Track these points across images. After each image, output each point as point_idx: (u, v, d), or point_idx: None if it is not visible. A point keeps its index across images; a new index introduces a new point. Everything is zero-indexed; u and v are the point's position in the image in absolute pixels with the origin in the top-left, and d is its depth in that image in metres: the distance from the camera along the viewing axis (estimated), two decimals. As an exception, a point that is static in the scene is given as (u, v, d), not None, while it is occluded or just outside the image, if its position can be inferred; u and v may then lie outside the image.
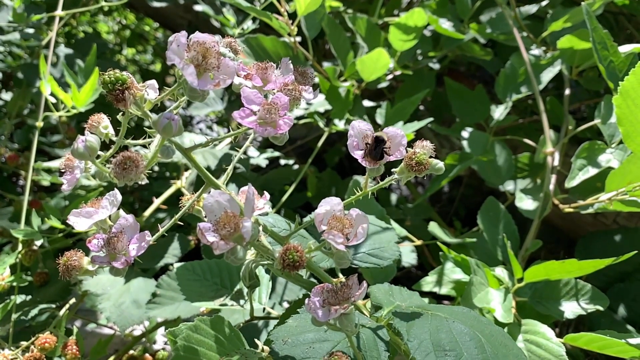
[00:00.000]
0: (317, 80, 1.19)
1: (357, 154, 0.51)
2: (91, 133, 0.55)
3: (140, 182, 0.43)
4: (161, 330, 1.32)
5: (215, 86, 0.43)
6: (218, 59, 0.43)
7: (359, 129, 0.52)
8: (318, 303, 0.45)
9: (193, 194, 0.69)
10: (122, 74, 0.47)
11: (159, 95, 0.52)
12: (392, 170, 0.55)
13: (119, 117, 0.53)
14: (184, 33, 0.42)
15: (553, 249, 1.61)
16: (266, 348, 0.51)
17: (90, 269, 0.51)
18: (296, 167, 1.67)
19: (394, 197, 1.63)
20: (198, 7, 1.72)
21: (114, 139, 0.55)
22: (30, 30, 1.63)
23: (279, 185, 1.46)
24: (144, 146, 0.56)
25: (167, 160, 0.46)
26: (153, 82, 0.53)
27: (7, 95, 2.37)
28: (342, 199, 1.29)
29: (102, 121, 0.56)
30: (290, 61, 0.57)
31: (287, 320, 0.53)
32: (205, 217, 0.58)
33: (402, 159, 0.53)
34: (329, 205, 0.47)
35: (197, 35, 0.43)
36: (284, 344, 0.48)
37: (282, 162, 1.63)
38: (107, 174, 0.45)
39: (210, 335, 0.48)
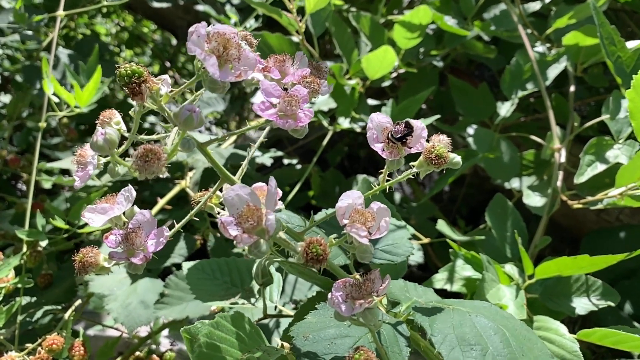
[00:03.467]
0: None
1: (377, 147, 0.51)
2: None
3: (160, 176, 0.42)
4: (165, 332, 1.31)
5: (237, 77, 0.42)
6: (239, 49, 0.42)
7: (378, 122, 0.52)
8: (341, 298, 0.44)
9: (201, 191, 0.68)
10: (139, 67, 0.46)
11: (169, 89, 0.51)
12: (411, 164, 0.55)
13: (131, 112, 0.52)
14: (203, 24, 0.42)
15: (557, 247, 1.61)
16: (286, 345, 0.51)
17: (107, 265, 0.50)
18: (299, 167, 1.66)
19: (397, 196, 1.63)
20: (199, 7, 1.71)
21: (126, 134, 0.54)
22: (30, 32, 1.62)
23: (282, 185, 1.45)
24: (156, 142, 0.56)
25: (188, 152, 0.46)
26: (166, 77, 0.52)
27: (6, 98, 2.35)
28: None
29: (114, 117, 0.55)
30: (304, 55, 0.56)
31: (305, 316, 0.52)
32: (225, 211, 0.58)
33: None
34: (350, 198, 0.47)
35: (217, 27, 0.42)
36: (305, 340, 0.47)
37: (286, 161, 1.62)
38: (127, 168, 0.44)
39: (231, 331, 0.48)
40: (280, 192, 0.68)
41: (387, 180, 0.55)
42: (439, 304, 0.53)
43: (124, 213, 0.53)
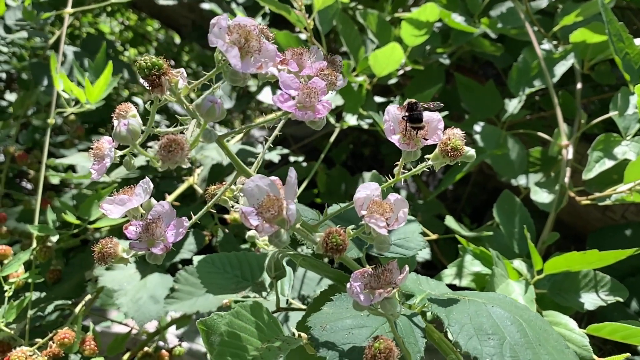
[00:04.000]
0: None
1: (394, 139, 0.51)
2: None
3: (183, 166, 0.42)
4: (171, 329, 1.31)
5: (258, 69, 0.42)
6: (259, 41, 0.43)
7: (394, 114, 0.52)
8: (359, 288, 0.45)
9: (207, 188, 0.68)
10: (158, 59, 0.47)
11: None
12: (426, 156, 0.55)
13: (147, 105, 0.53)
14: (225, 16, 0.42)
15: (562, 245, 1.61)
16: (303, 335, 0.51)
17: (126, 256, 0.50)
18: (304, 164, 1.66)
19: (403, 194, 1.63)
20: (205, 5, 1.72)
21: (142, 128, 0.55)
22: (37, 29, 1.62)
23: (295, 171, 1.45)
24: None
25: (209, 142, 0.46)
26: (182, 71, 0.53)
27: (11, 96, 2.36)
28: (353, 195, 1.29)
29: (130, 110, 0.56)
30: (319, 49, 0.57)
31: (321, 307, 0.52)
32: (239, 203, 0.58)
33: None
34: (368, 190, 0.47)
35: (238, 19, 0.43)
36: (323, 330, 0.47)
37: (292, 159, 1.62)
38: (150, 159, 0.44)
39: (251, 321, 0.48)
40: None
41: (403, 173, 0.56)
42: (454, 295, 0.53)
43: (141, 205, 0.54)
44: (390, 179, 0.57)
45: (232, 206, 0.62)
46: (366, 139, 2.27)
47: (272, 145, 1.40)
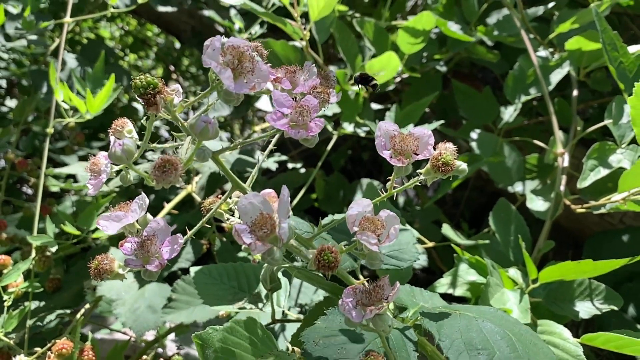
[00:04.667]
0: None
1: (386, 154, 0.52)
2: (115, 137, 0.56)
3: (177, 185, 0.43)
4: (171, 336, 1.32)
5: (251, 89, 0.43)
6: (252, 62, 0.43)
7: (385, 129, 0.53)
8: (351, 304, 0.45)
9: (205, 198, 0.69)
10: (154, 78, 0.47)
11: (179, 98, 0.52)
12: (418, 171, 0.56)
13: (143, 121, 0.53)
14: (218, 37, 0.43)
15: (560, 250, 1.62)
16: (296, 349, 0.52)
17: (121, 272, 0.51)
18: (303, 170, 1.67)
19: (401, 200, 1.64)
20: (205, 12, 1.73)
21: (139, 143, 0.55)
22: (36, 37, 1.63)
23: (288, 189, 1.46)
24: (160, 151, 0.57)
25: (203, 162, 0.47)
26: (178, 87, 0.53)
27: (12, 103, 2.37)
28: (351, 201, 1.30)
29: (126, 126, 0.57)
30: (313, 65, 0.57)
31: (315, 322, 0.53)
32: (234, 217, 0.59)
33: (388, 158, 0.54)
34: (360, 206, 0.48)
35: (232, 40, 0.43)
36: (316, 345, 0.48)
37: (290, 165, 1.63)
38: (145, 178, 0.45)
39: (244, 337, 0.49)
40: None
41: (395, 187, 0.56)
42: (446, 309, 0.54)
43: (137, 220, 0.55)
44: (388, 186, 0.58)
45: (228, 219, 0.63)
46: (365, 144, 2.28)
47: (271, 150, 1.41)
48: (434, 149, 0.56)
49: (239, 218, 0.46)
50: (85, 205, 1.55)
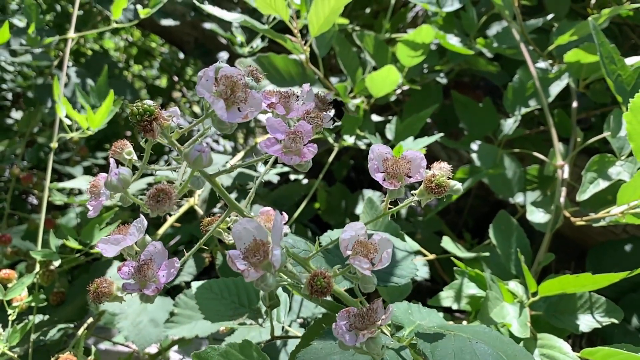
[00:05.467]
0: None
1: (378, 177, 0.53)
2: (115, 159, 0.57)
3: (170, 213, 0.44)
4: (174, 347, 1.33)
5: (244, 119, 0.44)
6: (245, 92, 0.44)
7: (378, 152, 0.54)
8: (345, 327, 0.46)
9: (209, 214, 0.70)
10: (150, 105, 0.48)
11: (176, 119, 0.53)
12: (412, 192, 0.56)
13: (142, 143, 0.55)
14: (212, 67, 0.44)
15: (563, 259, 1.61)
16: (293, 370, 0.52)
17: (120, 295, 0.52)
18: (305, 181, 1.68)
19: (403, 210, 1.64)
20: (207, 25, 1.75)
21: (137, 164, 0.56)
22: (41, 51, 1.65)
23: (289, 201, 1.47)
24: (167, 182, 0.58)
25: (197, 189, 0.48)
26: (175, 109, 0.54)
27: (17, 114, 2.40)
28: (352, 212, 1.31)
29: (126, 147, 0.58)
30: (311, 87, 0.58)
31: (311, 342, 0.54)
32: (234, 244, 0.60)
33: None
34: (353, 230, 0.48)
35: (225, 70, 0.44)
36: (311, 366, 0.49)
37: (292, 177, 1.64)
38: (141, 205, 0.46)
39: (239, 360, 0.49)
40: (286, 216, 0.70)
41: (390, 208, 0.57)
42: (440, 329, 0.55)
43: (135, 243, 0.55)
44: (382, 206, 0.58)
45: (227, 236, 0.64)
46: (367, 153, 2.28)
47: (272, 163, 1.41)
48: (429, 168, 0.57)
49: (233, 244, 0.46)
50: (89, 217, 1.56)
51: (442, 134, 1.11)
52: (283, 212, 0.70)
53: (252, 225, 0.46)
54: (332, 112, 0.62)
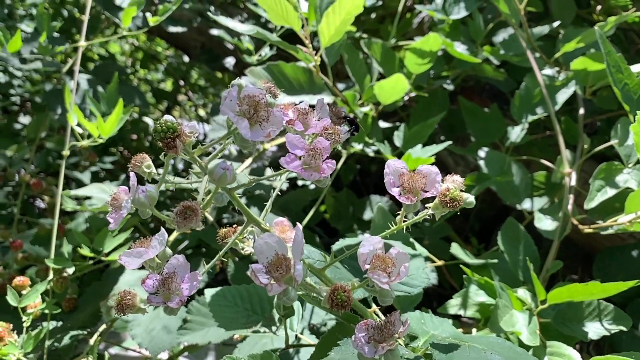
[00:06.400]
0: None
1: (395, 191, 0.54)
2: (134, 172, 0.58)
3: (197, 229, 0.45)
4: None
5: (266, 137, 0.45)
6: (267, 111, 0.46)
7: (394, 167, 0.55)
8: (364, 339, 0.47)
9: (217, 221, 0.71)
10: (173, 123, 0.50)
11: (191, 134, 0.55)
12: (426, 205, 0.58)
13: (162, 157, 0.56)
14: (235, 88, 0.45)
15: (570, 263, 1.62)
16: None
17: (143, 307, 0.53)
18: (312, 186, 1.69)
19: (411, 216, 1.65)
20: (214, 32, 1.76)
21: (157, 177, 0.58)
22: (51, 59, 1.67)
23: (298, 207, 1.49)
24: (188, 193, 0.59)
25: (221, 205, 0.49)
26: (194, 124, 0.56)
27: (24, 119, 2.42)
28: (360, 218, 1.32)
29: (145, 160, 0.59)
30: (324, 100, 0.59)
31: (328, 353, 0.55)
32: (247, 245, 0.61)
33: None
34: (372, 245, 0.50)
35: (247, 90, 0.46)
36: (330, 377, 0.50)
37: (300, 182, 1.65)
38: (167, 222, 0.47)
39: (260, 371, 0.51)
40: (300, 227, 0.71)
41: (404, 221, 0.58)
42: (455, 340, 0.56)
43: (156, 255, 0.57)
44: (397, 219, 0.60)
45: (243, 248, 0.65)
46: (373, 157, 2.30)
47: (279, 169, 1.42)
48: (442, 180, 0.58)
49: (255, 258, 0.48)
50: (98, 221, 1.58)
51: (450, 142, 1.12)
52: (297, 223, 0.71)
53: (274, 240, 0.47)
54: (346, 127, 0.64)
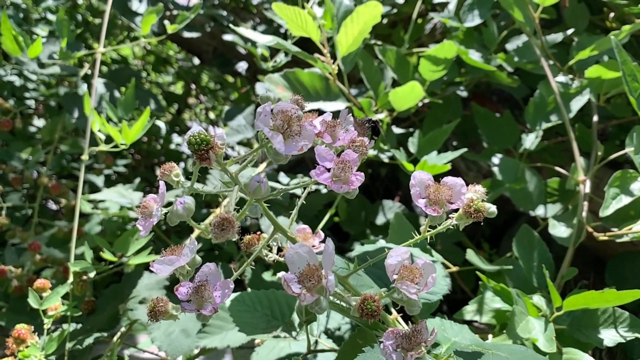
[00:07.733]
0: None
1: (421, 203, 0.55)
2: (164, 181, 0.60)
3: (232, 239, 0.47)
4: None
5: (299, 151, 0.47)
6: (300, 125, 0.47)
7: (420, 179, 0.56)
8: (391, 347, 0.49)
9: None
10: (207, 135, 0.51)
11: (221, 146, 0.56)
12: (450, 215, 0.59)
13: (189, 166, 0.58)
14: (269, 103, 0.47)
15: (583, 269, 1.62)
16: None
17: (174, 313, 0.55)
18: (324, 191, 1.71)
19: (422, 221, 1.66)
20: (227, 37, 1.78)
21: (186, 186, 0.60)
22: (68, 64, 1.69)
23: (311, 211, 1.50)
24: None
25: (255, 217, 0.50)
26: (222, 134, 0.57)
27: (38, 121, 2.44)
28: (372, 222, 1.33)
29: (174, 169, 0.61)
30: (348, 112, 0.61)
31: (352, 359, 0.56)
32: (271, 252, 0.63)
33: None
34: (399, 256, 0.51)
35: (280, 105, 0.47)
36: (357, 384, 0.51)
37: (313, 187, 1.67)
38: (205, 233, 0.49)
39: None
40: (322, 234, 0.73)
41: (428, 231, 0.60)
42: (478, 347, 0.57)
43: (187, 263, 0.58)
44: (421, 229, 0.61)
45: (266, 255, 0.67)
46: (384, 162, 2.31)
47: (291, 173, 1.44)
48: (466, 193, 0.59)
49: (287, 267, 0.49)
50: (112, 224, 1.59)
51: (465, 149, 1.13)
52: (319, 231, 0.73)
53: (304, 250, 0.49)
54: (368, 137, 0.66)
